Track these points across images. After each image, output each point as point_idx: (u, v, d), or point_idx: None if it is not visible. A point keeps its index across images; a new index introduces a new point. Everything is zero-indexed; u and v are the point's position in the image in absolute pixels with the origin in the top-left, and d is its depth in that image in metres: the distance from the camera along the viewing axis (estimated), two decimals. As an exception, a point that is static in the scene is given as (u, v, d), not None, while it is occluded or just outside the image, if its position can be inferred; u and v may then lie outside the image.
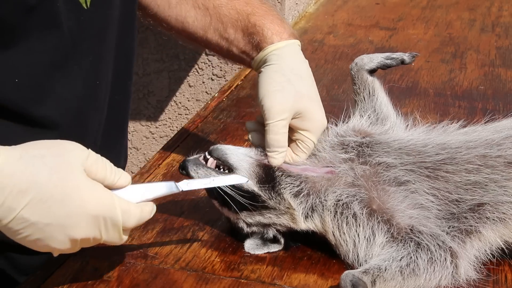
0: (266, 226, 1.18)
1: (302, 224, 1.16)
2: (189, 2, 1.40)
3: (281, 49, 1.29)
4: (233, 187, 1.15)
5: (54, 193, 0.97)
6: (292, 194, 1.16)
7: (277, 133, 1.20)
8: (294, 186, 1.16)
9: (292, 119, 1.21)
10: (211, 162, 1.19)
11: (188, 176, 1.18)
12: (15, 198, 0.95)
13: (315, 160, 1.21)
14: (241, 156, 1.19)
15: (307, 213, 1.15)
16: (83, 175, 1.00)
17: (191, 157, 1.20)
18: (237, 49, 1.36)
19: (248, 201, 1.15)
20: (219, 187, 1.15)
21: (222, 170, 1.18)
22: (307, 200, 1.15)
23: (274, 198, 1.16)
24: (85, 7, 1.19)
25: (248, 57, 1.35)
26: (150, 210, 1.08)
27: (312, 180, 1.17)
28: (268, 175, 1.17)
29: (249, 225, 1.19)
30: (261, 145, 1.23)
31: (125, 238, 1.05)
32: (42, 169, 0.97)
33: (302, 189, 1.16)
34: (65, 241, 1.00)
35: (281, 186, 1.16)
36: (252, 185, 1.17)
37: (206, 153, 1.20)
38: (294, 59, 1.29)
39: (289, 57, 1.29)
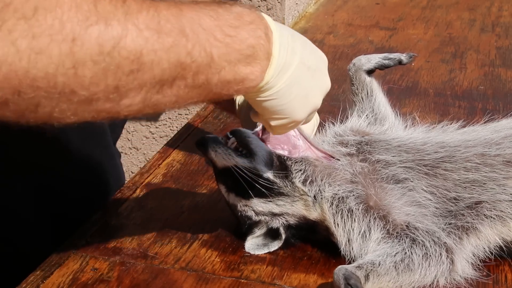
0: (276, 215, 1.18)
1: (313, 212, 1.16)
2: None
3: None
4: (251, 172, 1.14)
5: (307, 42, 1.01)
6: (301, 182, 1.16)
7: None
8: (301, 172, 1.16)
9: None
10: (232, 142, 1.17)
11: (205, 155, 1.17)
12: (291, 41, 0.96)
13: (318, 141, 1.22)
14: (260, 143, 1.18)
15: (313, 201, 1.15)
16: None
17: (211, 135, 1.19)
18: None
19: (266, 185, 1.15)
20: (235, 169, 1.14)
21: (240, 152, 1.17)
22: (311, 189, 1.15)
23: (288, 186, 1.16)
24: None
25: None
26: None
27: (313, 164, 1.17)
28: (282, 164, 1.17)
29: (258, 213, 1.18)
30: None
31: None
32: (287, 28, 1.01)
33: (307, 175, 1.16)
34: (323, 90, 1.02)
35: (293, 175, 1.16)
36: (268, 172, 1.16)
37: (228, 133, 1.18)
38: None
39: None
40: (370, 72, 1.35)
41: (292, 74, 0.96)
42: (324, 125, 1.28)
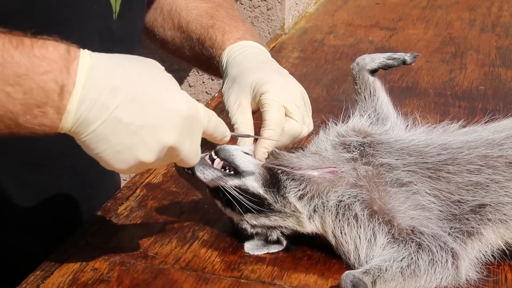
0: (271, 228, 1.18)
1: (308, 227, 1.16)
2: (169, 23, 1.47)
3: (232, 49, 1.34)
4: (239, 189, 1.15)
5: (146, 92, 0.94)
6: (297, 197, 1.15)
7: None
8: (299, 189, 1.15)
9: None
10: (218, 162, 1.17)
11: (194, 176, 1.17)
12: (109, 95, 0.91)
13: (318, 159, 1.20)
14: (247, 157, 1.18)
15: (310, 215, 1.15)
16: (168, 76, 1.00)
17: None
18: (207, 61, 1.42)
19: (254, 204, 1.14)
20: (224, 188, 1.15)
21: (228, 171, 1.17)
22: (310, 203, 1.15)
23: (279, 202, 1.16)
24: (114, 17, 1.23)
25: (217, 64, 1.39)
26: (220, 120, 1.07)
27: (315, 181, 1.16)
28: (273, 178, 1.17)
29: (253, 226, 1.18)
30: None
31: (200, 156, 1.03)
32: (132, 68, 0.95)
33: (307, 192, 1.15)
34: (154, 147, 0.95)
35: (286, 190, 1.16)
36: (257, 188, 1.16)
37: (213, 153, 1.17)
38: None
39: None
40: (373, 72, 1.34)
41: (97, 130, 0.92)
42: (327, 124, 1.28)
